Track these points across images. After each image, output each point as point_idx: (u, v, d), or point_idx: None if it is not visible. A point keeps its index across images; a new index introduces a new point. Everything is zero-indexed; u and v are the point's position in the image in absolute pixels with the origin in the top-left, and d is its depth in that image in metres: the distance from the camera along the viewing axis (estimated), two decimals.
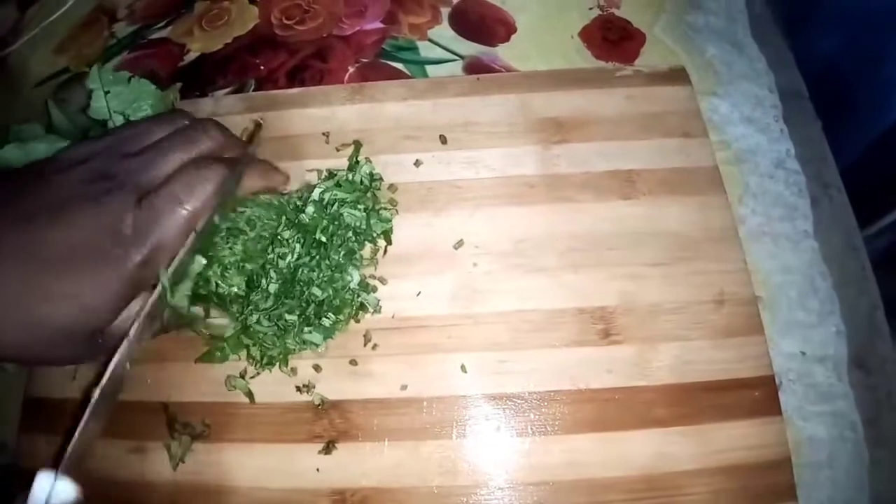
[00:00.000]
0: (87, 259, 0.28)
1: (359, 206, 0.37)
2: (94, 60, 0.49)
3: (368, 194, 0.38)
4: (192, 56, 0.47)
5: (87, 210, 0.28)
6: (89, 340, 0.28)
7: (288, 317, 0.34)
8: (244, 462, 0.34)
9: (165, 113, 0.37)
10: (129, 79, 0.39)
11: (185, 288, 0.32)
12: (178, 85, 0.46)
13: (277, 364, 0.35)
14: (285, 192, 0.38)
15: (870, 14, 0.57)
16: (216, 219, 0.33)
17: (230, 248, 0.34)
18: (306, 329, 0.35)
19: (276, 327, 0.34)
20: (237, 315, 0.34)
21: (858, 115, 0.60)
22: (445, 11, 0.47)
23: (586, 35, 0.45)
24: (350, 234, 0.36)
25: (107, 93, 0.38)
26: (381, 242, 0.38)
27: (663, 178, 0.38)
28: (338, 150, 0.40)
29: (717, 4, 0.47)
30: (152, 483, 0.34)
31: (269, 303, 0.34)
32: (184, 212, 0.30)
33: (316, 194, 0.37)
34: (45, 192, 0.29)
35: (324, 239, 0.35)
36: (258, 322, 0.34)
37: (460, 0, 0.47)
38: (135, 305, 0.30)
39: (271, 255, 0.34)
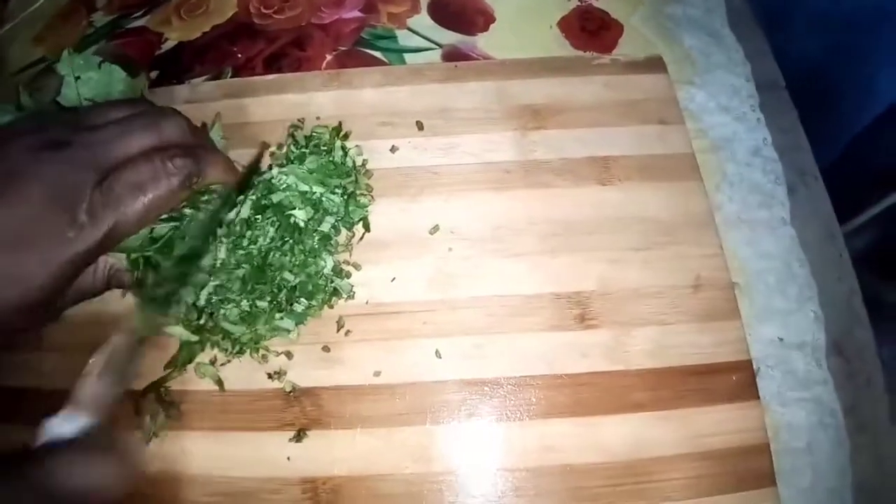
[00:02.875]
0: (35, 237, 0.26)
1: (336, 191, 0.36)
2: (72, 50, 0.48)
3: (349, 179, 0.37)
4: (169, 45, 0.47)
5: (37, 183, 0.27)
6: (32, 314, 0.27)
7: (259, 303, 0.33)
8: (213, 450, 0.33)
9: (127, 98, 0.37)
10: (100, 64, 0.38)
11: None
12: (151, 73, 0.45)
13: (248, 351, 0.34)
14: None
15: (848, 12, 0.58)
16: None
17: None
18: (277, 315, 0.34)
19: (246, 313, 0.33)
20: (203, 308, 0.33)
21: (838, 113, 0.61)
22: (425, 1, 0.47)
23: (565, 25, 0.45)
24: (327, 218, 0.36)
25: (77, 79, 0.37)
26: (358, 229, 0.37)
27: (640, 164, 0.38)
28: (314, 130, 0.40)
29: None
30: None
31: (238, 288, 0.33)
32: (145, 201, 0.29)
33: (288, 170, 0.35)
34: None
35: (301, 222, 0.34)
36: (225, 313, 0.33)
37: None
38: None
39: (242, 239, 0.34)
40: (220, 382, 0.34)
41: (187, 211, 0.33)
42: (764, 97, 0.42)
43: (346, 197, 0.36)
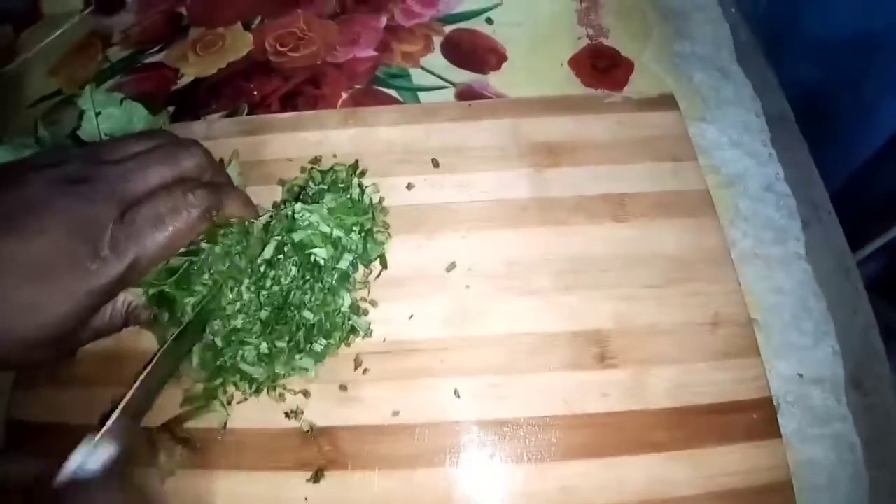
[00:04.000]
0: (55, 270, 0.26)
1: (354, 229, 0.36)
2: (87, 83, 0.49)
3: (367, 216, 0.37)
4: (185, 80, 0.47)
5: (58, 217, 0.27)
6: (49, 348, 0.27)
7: (278, 343, 0.33)
8: (229, 490, 0.32)
9: (147, 130, 0.37)
10: (122, 101, 0.39)
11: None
12: (170, 109, 0.46)
13: (265, 390, 0.34)
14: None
15: (850, 40, 0.59)
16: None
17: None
18: (297, 356, 0.34)
19: (265, 354, 0.33)
20: (222, 350, 0.33)
21: (844, 141, 0.61)
22: (438, 40, 0.48)
23: (576, 63, 0.46)
24: (345, 255, 0.36)
25: (98, 114, 0.38)
26: (375, 266, 0.37)
27: (655, 200, 0.39)
28: (334, 167, 0.40)
29: (703, 33, 0.48)
30: None
31: (258, 329, 0.33)
32: (166, 234, 0.29)
33: (312, 208, 0.36)
34: (10, 194, 0.27)
35: (322, 261, 0.35)
36: (244, 354, 0.33)
37: (453, 29, 0.48)
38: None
39: (266, 280, 0.34)
40: (223, 425, 0.33)
41: (204, 245, 0.33)
42: (774, 131, 0.43)
43: (363, 234, 0.36)
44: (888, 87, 0.58)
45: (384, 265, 0.37)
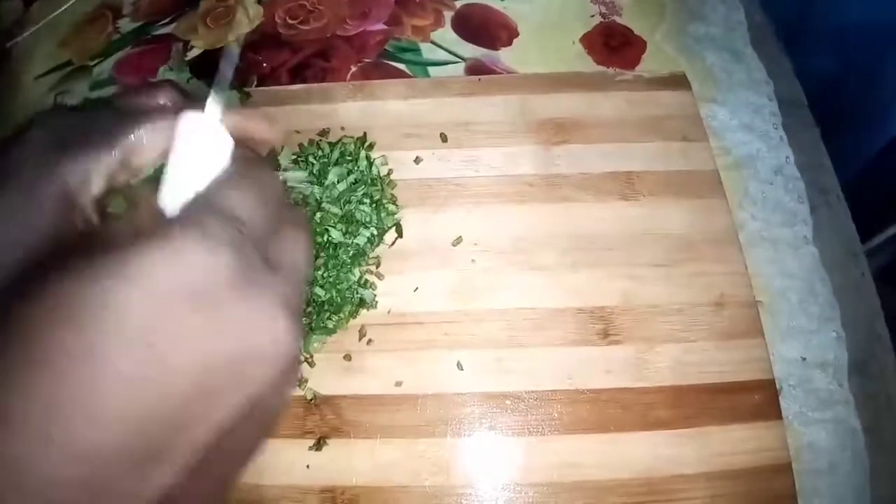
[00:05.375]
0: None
1: (365, 201, 0.36)
2: (97, 54, 0.49)
3: (376, 188, 0.37)
4: (195, 52, 0.47)
5: None
6: None
7: None
8: None
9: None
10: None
11: None
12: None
13: None
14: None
15: (866, 30, 0.58)
16: None
17: None
18: (310, 337, 0.34)
19: None
20: None
21: (858, 130, 0.61)
22: (448, 15, 0.47)
23: (587, 41, 0.45)
24: (362, 231, 0.35)
25: None
26: (387, 237, 0.37)
27: (663, 180, 0.38)
28: (342, 140, 0.40)
29: (717, 15, 0.47)
30: None
31: None
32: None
33: (330, 184, 0.35)
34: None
35: (339, 238, 0.34)
36: None
37: (463, 4, 0.48)
38: None
39: None
40: None
41: None
42: (786, 116, 0.43)
43: (374, 206, 0.36)
44: None
45: (399, 234, 0.37)
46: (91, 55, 0.49)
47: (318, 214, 0.35)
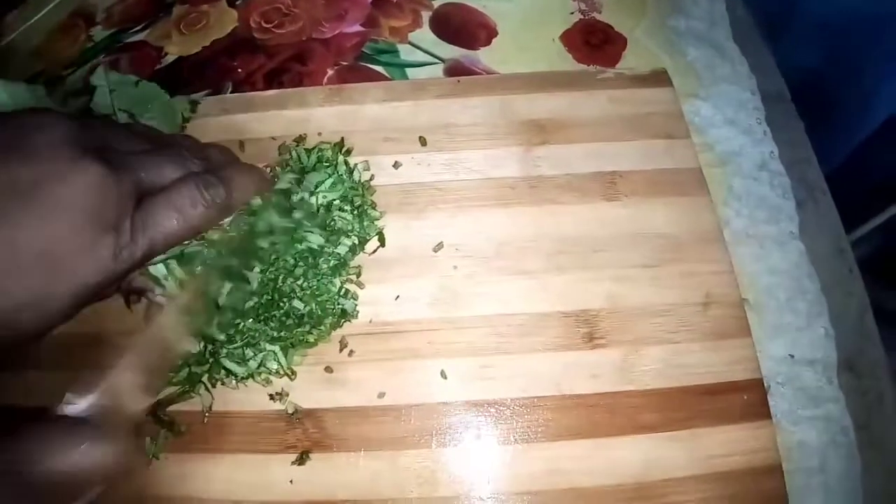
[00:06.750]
0: (67, 256, 0.24)
1: (345, 208, 0.35)
2: (70, 64, 0.48)
3: (357, 193, 0.36)
4: (169, 59, 0.46)
5: (79, 191, 0.24)
6: (40, 337, 0.25)
7: (268, 347, 0.32)
8: (214, 473, 0.32)
9: (142, 130, 0.35)
10: (137, 82, 0.37)
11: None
12: (193, 96, 0.44)
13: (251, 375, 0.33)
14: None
15: (848, 22, 0.58)
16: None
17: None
18: (291, 352, 0.33)
19: (251, 355, 0.32)
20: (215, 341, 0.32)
21: (841, 122, 0.60)
22: (426, 15, 0.46)
23: (568, 39, 0.45)
24: (343, 240, 0.35)
25: (112, 91, 0.36)
26: (368, 245, 0.36)
27: (647, 179, 0.38)
28: (319, 145, 0.39)
29: (699, 9, 0.47)
30: (118, 494, 0.32)
31: (250, 324, 0.32)
32: (179, 223, 0.28)
33: (306, 194, 0.34)
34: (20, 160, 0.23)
35: (317, 245, 0.34)
36: (228, 353, 0.32)
37: (441, 4, 0.47)
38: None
39: (262, 272, 0.32)
40: (208, 408, 0.33)
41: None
42: (770, 110, 0.42)
43: (355, 212, 0.36)
44: (886, 69, 0.58)
45: (382, 243, 0.36)
46: (64, 64, 0.48)
47: (296, 222, 0.34)
